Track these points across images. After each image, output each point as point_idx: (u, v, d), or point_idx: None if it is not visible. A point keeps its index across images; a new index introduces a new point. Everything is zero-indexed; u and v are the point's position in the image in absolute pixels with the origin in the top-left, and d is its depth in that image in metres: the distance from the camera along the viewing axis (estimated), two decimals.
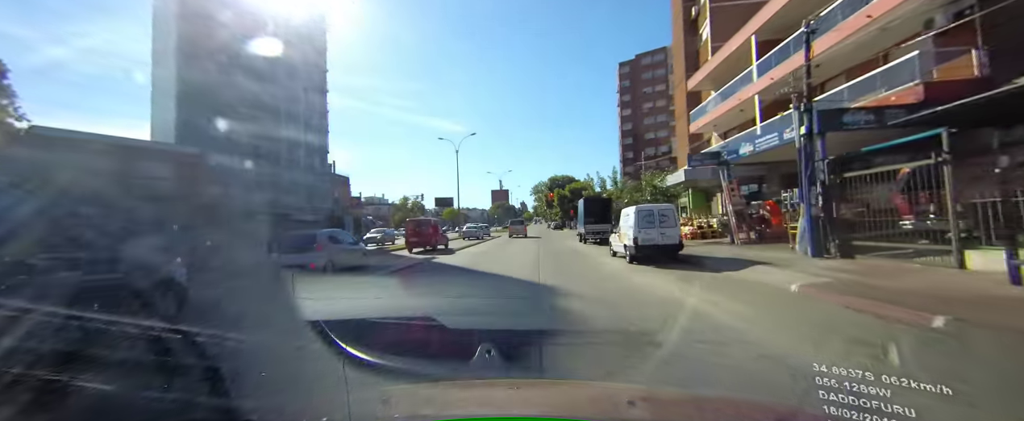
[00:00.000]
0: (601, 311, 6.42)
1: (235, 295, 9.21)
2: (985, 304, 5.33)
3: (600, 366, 3.82)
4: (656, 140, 62.32)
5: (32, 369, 2.81)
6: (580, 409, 1.48)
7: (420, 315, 6.06)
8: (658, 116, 63.53)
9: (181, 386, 1.93)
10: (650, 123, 64.49)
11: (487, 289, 9.37)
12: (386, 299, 8.16)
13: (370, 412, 1.39)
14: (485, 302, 7.94)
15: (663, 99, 60.79)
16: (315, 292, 8.69)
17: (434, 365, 3.39)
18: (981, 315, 4.79)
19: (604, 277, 10.13)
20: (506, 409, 1.43)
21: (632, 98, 67.36)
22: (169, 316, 5.69)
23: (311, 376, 3.35)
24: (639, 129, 65.98)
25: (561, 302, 7.22)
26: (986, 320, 4.65)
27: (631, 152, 65.37)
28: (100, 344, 3.26)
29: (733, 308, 5.95)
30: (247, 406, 1.46)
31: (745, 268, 9.46)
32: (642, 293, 7.76)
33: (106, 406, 2.45)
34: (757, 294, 7.07)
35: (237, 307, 7.68)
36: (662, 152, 57.25)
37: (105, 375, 2.88)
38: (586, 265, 12.95)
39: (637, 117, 66.41)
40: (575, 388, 2.08)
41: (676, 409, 1.55)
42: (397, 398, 1.62)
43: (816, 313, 5.76)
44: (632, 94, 67.52)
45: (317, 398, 2.13)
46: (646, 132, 64.38)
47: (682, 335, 4.62)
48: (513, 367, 2.84)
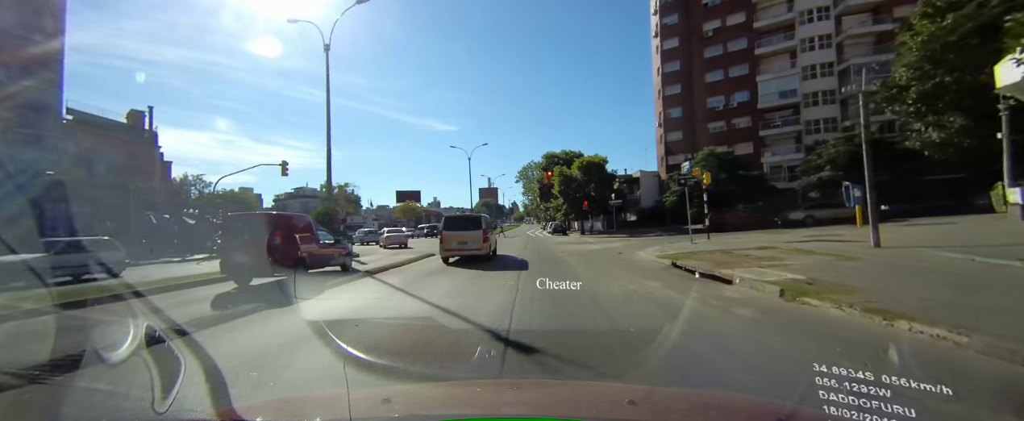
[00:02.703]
0: None
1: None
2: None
3: None
4: (746, 107, 42.73)
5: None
6: (580, 409, 1.47)
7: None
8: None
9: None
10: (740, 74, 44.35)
11: None
12: None
13: (370, 412, 1.36)
14: None
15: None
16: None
17: (434, 365, 3.61)
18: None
19: None
20: (506, 409, 1.43)
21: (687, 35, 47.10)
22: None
23: (311, 376, 3.51)
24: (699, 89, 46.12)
25: None
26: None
27: (684, 130, 45.71)
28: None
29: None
30: (247, 406, 1.46)
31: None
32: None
33: (106, 405, 2.81)
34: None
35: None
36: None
37: (106, 375, 3.20)
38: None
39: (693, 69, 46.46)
40: (575, 388, 2.11)
41: (676, 409, 1.55)
42: (397, 398, 1.61)
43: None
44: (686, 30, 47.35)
45: (317, 398, 1.96)
46: (714, 94, 44.45)
47: None
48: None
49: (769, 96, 40.98)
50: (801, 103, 39.84)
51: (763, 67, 41.84)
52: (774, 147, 41.23)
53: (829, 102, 39.27)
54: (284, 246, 10.14)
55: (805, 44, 39.81)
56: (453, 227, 15.37)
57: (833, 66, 39.18)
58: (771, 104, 40.88)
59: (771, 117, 41.34)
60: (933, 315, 4.64)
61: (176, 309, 7.16)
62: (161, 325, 5.15)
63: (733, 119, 42.98)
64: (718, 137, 42.31)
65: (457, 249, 14.73)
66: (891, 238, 13.25)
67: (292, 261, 10.08)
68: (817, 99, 39.54)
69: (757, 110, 41.45)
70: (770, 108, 41.06)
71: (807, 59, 39.72)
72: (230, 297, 8.67)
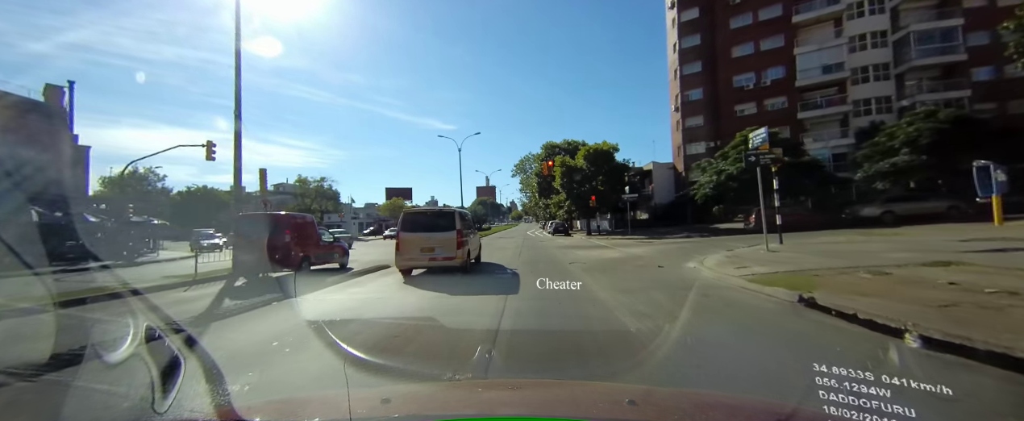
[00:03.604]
0: None
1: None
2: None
3: None
4: (782, 86, 36.54)
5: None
6: (580, 409, 1.45)
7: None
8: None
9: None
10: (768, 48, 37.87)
11: None
12: None
13: (370, 412, 1.34)
14: None
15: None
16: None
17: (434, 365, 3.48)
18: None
19: None
20: (506, 409, 1.42)
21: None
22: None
23: (311, 376, 3.43)
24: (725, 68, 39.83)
25: None
26: None
27: (706, 114, 39.57)
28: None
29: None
30: (247, 406, 1.44)
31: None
32: None
33: (105, 405, 2.76)
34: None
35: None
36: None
37: (106, 375, 3.15)
38: None
39: (720, 41, 40.16)
40: (575, 388, 2.03)
41: (676, 409, 1.52)
42: (397, 398, 1.61)
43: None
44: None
45: (317, 398, 1.90)
46: (742, 71, 38.13)
47: None
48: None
49: (809, 72, 34.70)
50: (848, 79, 33.59)
51: (802, 38, 35.55)
52: (816, 131, 34.94)
53: (882, 78, 33.05)
54: (292, 244, 11.10)
55: (853, 9, 33.56)
56: (415, 227, 10.88)
57: (886, 35, 32.95)
58: (812, 81, 34.61)
59: (811, 96, 35.07)
60: None
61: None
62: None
63: (765, 100, 36.73)
64: (747, 121, 35.89)
65: (420, 259, 10.62)
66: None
67: (299, 258, 11.18)
68: (867, 74, 33.31)
69: (795, 89, 35.19)
70: (810, 86, 34.79)
71: (855, 27, 33.47)
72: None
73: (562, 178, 35.40)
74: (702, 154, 37.77)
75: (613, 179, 34.03)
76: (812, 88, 34.82)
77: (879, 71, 33.09)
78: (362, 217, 78.32)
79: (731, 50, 38.12)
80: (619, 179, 34.38)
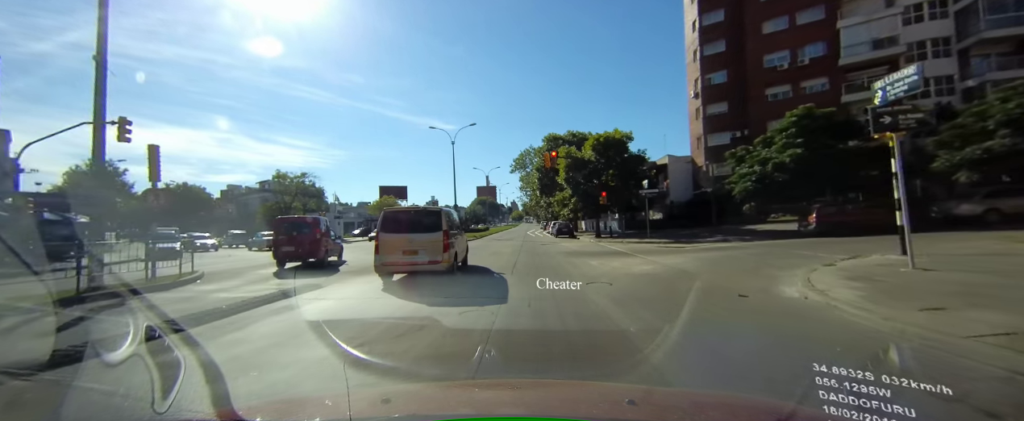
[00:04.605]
0: None
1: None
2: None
3: None
4: (822, 64, 31.75)
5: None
6: (580, 409, 1.44)
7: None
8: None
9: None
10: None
11: None
12: None
13: (370, 412, 1.34)
14: None
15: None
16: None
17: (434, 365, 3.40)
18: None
19: None
20: (506, 409, 1.41)
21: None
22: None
23: (311, 376, 3.36)
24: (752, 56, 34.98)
25: None
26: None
27: (731, 100, 34.79)
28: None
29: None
30: (247, 406, 1.42)
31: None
32: None
33: (105, 404, 2.64)
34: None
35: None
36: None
37: (106, 375, 3.03)
38: None
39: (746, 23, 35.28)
40: (575, 388, 2.02)
41: (676, 409, 1.51)
42: (397, 398, 1.60)
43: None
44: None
45: (317, 398, 1.85)
46: (775, 49, 33.34)
47: None
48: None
49: (856, 48, 29.81)
50: (902, 56, 28.68)
51: (846, 8, 30.65)
52: (864, 118, 30.03)
53: (942, 55, 28.18)
54: (317, 241, 13.76)
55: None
56: (396, 228, 9.76)
57: (947, 4, 28.08)
58: (858, 58, 29.71)
59: (857, 76, 30.17)
60: None
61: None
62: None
63: (802, 81, 31.86)
64: (780, 106, 31.01)
65: (401, 261, 9.53)
66: None
67: (320, 252, 13.78)
68: (924, 50, 28.45)
69: (838, 68, 30.31)
70: (857, 64, 29.89)
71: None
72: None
73: (567, 172, 30.69)
74: (726, 145, 32.95)
75: (626, 173, 29.31)
76: (859, 67, 29.90)
77: (939, 46, 28.24)
78: (354, 216, 73.79)
79: (762, 25, 33.25)
80: (632, 173, 29.66)
